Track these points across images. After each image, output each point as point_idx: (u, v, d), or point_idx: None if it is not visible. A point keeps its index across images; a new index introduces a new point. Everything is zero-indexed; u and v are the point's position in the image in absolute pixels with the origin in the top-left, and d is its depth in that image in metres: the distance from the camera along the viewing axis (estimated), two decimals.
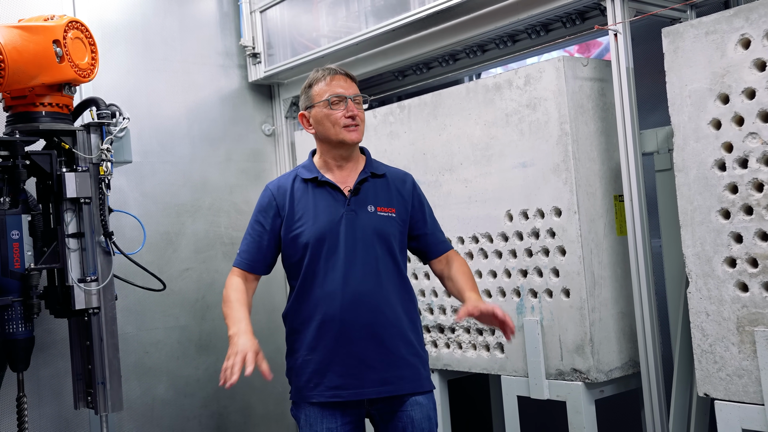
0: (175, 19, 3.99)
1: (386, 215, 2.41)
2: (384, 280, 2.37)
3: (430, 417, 2.41)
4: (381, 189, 2.45)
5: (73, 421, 3.41)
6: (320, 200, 2.41)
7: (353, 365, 2.34)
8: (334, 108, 2.38)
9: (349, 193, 2.40)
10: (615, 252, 2.88)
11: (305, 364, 2.39)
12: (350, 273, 2.34)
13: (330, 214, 2.38)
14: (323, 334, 2.36)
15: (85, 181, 3.00)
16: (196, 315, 3.91)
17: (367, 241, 2.36)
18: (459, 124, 3.20)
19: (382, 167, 2.52)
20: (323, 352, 2.36)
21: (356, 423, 2.42)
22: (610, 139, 2.89)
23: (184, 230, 3.91)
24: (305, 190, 2.44)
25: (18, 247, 2.86)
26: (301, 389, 2.41)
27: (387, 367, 2.35)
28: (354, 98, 2.40)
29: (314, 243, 2.37)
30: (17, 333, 2.87)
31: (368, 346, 2.34)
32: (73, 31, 2.96)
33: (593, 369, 2.77)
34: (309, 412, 2.40)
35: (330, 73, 2.42)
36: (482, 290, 3.13)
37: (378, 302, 2.35)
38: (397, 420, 2.39)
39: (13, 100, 2.94)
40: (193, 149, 3.99)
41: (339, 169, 2.45)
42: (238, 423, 4.00)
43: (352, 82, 2.44)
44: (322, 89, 2.41)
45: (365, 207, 2.40)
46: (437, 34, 3.38)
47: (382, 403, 2.38)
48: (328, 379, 2.35)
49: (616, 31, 2.71)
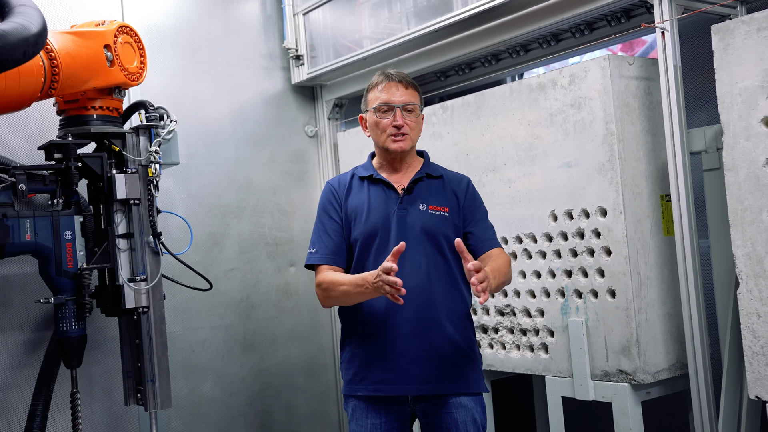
0: (219, 23, 4.05)
1: (438, 214, 2.43)
2: (432, 278, 2.38)
3: (475, 420, 2.40)
4: (436, 189, 2.47)
5: (123, 417, 3.49)
6: (374, 197, 2.46)
7: (396, 361, 2.37)
8: (382, 116, 2.42)
9: (402, 192, 2.43)
10: (662, 252, 2.84)
11: (353, 357, 2.45)
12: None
13: (382, 211, 2.42)
14: (369, 328, 2.40)
15: (134, 183, 3.07)
16: (240, 315, 3.96)
17: (416, 238, 2.37)
18: (502, 124, 3.19)
19: (440, 170, 2.54)
20: (369, 347, 2.40)
21: (401, 421, 2.44)
22: (657, 138, 2.86)
23: (229, 231, 3.97)
24: (361, 187, 2.49)
25: (71, 247, 2.94)
26: (348, 382, 2.46)
27: (430, 365, 2.36)
28: (404, 107, 2.41)
29: (365, 238, 2.41)
30: (71, 331, 2.94)
31: (412, 342, 2.36)
32: (123, 36, 3.03)
33: (640, 370, 2.74)
34: (356, 405, 2.45)
35: (386, 80, 2.45)
36: (526, 291, 3.12)
37: (424, 299, 2.36)
38: (441, 421, 2.39)
39: (66, 104, 3.02)
40: (237, 151, 4.05)
41: (395, 170, 2.49)
42: (282, 422, 4.05)
43: (406, 89, 2.44)
44: (375, 96, 2.45)
45: (417, 205, 2.42)
46: (480, 34, 3.37)
47: (425, 402, 2.39)
48: (372, 373, 2.40)
49: (664, 29, 2.68)
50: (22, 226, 2.82)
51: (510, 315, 3.21)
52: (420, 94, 2.49)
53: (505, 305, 3.21)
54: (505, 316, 3.22)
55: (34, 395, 3.05)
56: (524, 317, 3.15)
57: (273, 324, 4.07)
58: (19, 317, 3.23)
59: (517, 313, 3.17)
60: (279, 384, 4.06)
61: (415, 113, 2.43)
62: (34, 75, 2.62)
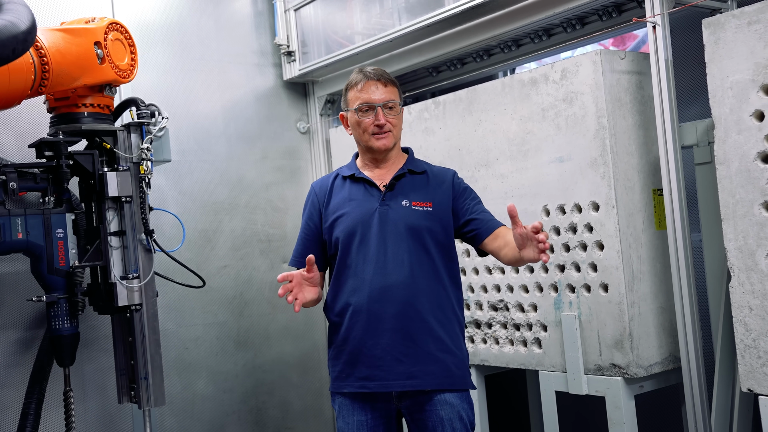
0: (210, 19, 4.04)
1: (422, 209, 2.43)
2: (416, 274, 2.38)
3: (461, 417, 2.39)
4: (419, 184, 2.47)
5: (117, 415, 3.49)
6: (355, 195, 2.47)
7: (380, 357, 2.38)
8: (364, 116, 2.42)
9: (384, 189, 2.44)
10: (654, 246, 2.85)
11: (338, 354, 2.46)
12: (379, 265, 2.37)
13: (363, 209, 2.42)
14: (353, 325, 2.41)
15: (126, 180, 3.06)
16: (234, 312, 3.96)
17: (399, 234, 2.38)
18: (495, 119, 3.19)
19: (423, 165, 2.54)
20: (353, 343, 2.41)
21: (386, 418, 2.45)
22: (649, 132, 2.87)
23: (221, 228, 3.96)
24: (343, 186, 2.51)
25: (63, 245, 2.93)
26: (335, 379, 2.48)
27: (413, 361, 2.37)
28: (384, 105, 2.42)
29: (346, 236, 2.42)
30: (63, 329, 2.93)
31: (395, 338, 2.37)
32: (114, 33, 3.02)
33: (633, 364, 2.75)
34: (342, 402, 2.47)
35: (364, 79, 2.44)
36: (519, 285, 3.13)
37: (406, 295, 2.37)
38: (426, 418, 2.39)
39: (56, 102, 3.01)
40: (229, 147, 4.04)
41: (378, 168, 2.50)
42: (276, 418, 4.05)
43: (385, 87, 2.44)
44: (354, 96, 2.45)
45: (400, 201, 2.43)
46: (472, 29, 3.37)
47: (409, 399, 2.40)
48: (357, 369, 2.41)
49: (655, 23, 2.68)
50: (13, 224, 2.81)
51: (503, 310, 3.21)
52: (399, 89, 2.49)
53: (498, 300, 3.22)
54: (498, 311, 3.23)
55: (27, 394, 3.04)
56: (517, 312, 3.15)
57: (266, 321, 4.07)
58: (11, 316, 3.23)
59: (510, 308, 3.18)
60: (273, 381, 4.06)
61: (395, 110, 2.44)
62: (23, 72, 2.61)
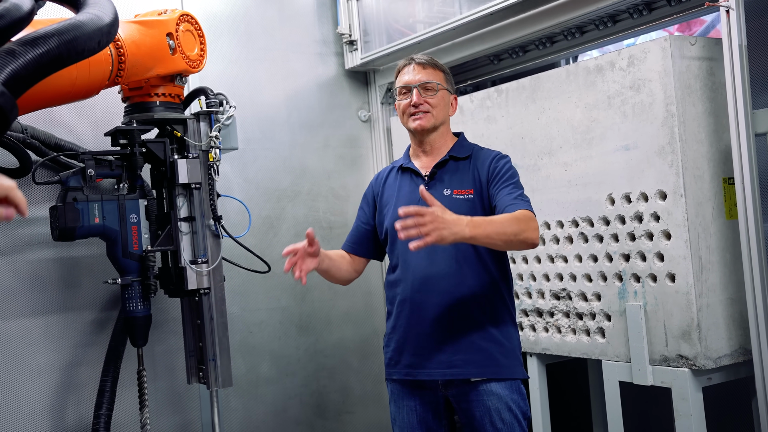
0: (274, 9, 4.10)
1: (463, 197, 2.44)
2: (460, 264, 2.40)
3: (510, 407, 2.40)
4: (462, 171, 2.48)
5: (185, 395, 3.60)
6: (403, 186, 2.54)
7: (423, 345, 2.43)
8: (402, 98, 2.51)
9: (426, 178, 2.49)
10: (724, 236, 2.80)
11: (389, 342, 2.54)
12: (423, 256, 2.40)
13: (408, 200, 2.46)
14: (400, 314, 2.48)
15: (195, 168, 3.14)
16: (296, 297, 4.03)
17: None
18: (558, 107, 3.17)
19: (469, 149, 2.54)
20: (400, 332, 2.48)
21: (434, 405, 2.48)
22: (719, 120, 2.81)
23: (284, 215, 4.04)
24: (395, 177, 2.59)
25: (136, 230, 3.03)
26: (386, 366, 2.56)
27: (454, 350, 2.40)
28: (421, 85, 2.46)
29: (393, 227, 2.43)
30: (137, 310, 3.04)
31: (437, 327, 2.41)
32: (185, 24, 3.10)
33: (701, 356, 2.71)
34: (393, 388, 2.55)
35: (404, 64, 2.54)
36: (582, 274, 3.10)
37: (448, 285, 2.40)
38: (473, 408, 2.41)
39: (130, 91, 3.11)
40: (292, 136, 4.10)
41: (425, 155, 2.55)
42: (337, 402, 4.12)
43: (423, 69, 2.49)
44: (397, 82, 2.54)
45: (441, 191, 2.45)
46: (535, 16, 3.34)
47: (455, 388, 2.43)
48: (404, 357, 2.47)
49: (729, 7, 2.62)
50: (91, 209, 2.92)
51: (566, 299, 3.20)
52: (444, 72, 2.52)
53: (561, 289, 3.21)
54: (561, 300, 3.22)
55: (103, 372, 3.17)
56: (580, 301, 3.13)
57: (327, 306, 4.13)
58: (87, 297, 3.36)
59: (572, 296, 3.16)
60: (333, 365, 4.13)
61: (434, 91, 2.47)
62: (102, 64, 2.71)
